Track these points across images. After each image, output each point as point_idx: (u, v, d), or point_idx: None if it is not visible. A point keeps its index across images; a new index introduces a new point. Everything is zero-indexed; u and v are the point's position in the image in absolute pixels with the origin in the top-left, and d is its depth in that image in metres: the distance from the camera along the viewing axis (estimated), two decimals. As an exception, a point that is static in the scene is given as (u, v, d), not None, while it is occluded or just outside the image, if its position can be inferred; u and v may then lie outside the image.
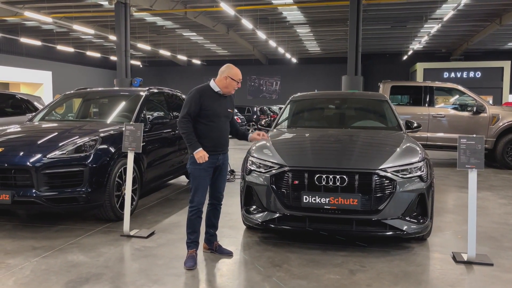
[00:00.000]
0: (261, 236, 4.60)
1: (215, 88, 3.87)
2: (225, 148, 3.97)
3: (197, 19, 21.89)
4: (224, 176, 4.02)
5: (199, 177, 3.80)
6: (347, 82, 13.39)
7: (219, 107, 3.85)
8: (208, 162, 3.76)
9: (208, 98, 3.81)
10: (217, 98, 3.86)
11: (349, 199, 3.89)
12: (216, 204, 4.05)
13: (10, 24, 25.26)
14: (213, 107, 3.81)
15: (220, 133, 3.88)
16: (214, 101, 3.83)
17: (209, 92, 3.84)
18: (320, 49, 33.64)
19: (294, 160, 4.20)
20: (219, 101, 3.87)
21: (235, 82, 3.87)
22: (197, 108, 3.75)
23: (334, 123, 5.77)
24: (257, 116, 21.87)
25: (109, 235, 4.62)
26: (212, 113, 3.79)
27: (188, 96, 3.84)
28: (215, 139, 3.83)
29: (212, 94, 3.85)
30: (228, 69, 3.87)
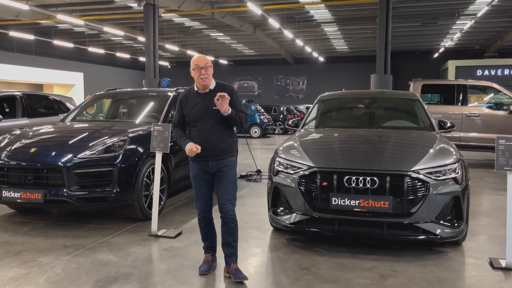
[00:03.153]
0: (288, 238, 4.54)
1: (195, 88, 3.54)
2: (216, 154, 3.44)
3: (224, 19, 21.98)
4: (224, 186, 3.45)
5: (194, 185, 3.58)
6: (376, 81, 13.13)
7: (199, 109, 3.44)
8: (197, 168, 3.49)
9: (189, 101, 3.50)
10: (197, 98, 3.48)
11: (380, 201, 3.78)
12: (224, 218, 3.47)
13: (44, 27, 26.05)
14: (193, 110, 3.47)
15: (204, 138, 3.42)
16: (194, 103, 3.47)
17: (191, 94, 3.53)
18: (347, 47, 33.22)
19: (322, 161, 4.12)
20: (200, 101, 3.46)
21: (196, 70, 3.39)
22: (180, 115, 3.56)
23: (364, 123, 5.64)
24: (284, 116, 21.77)
25: (137, 235, 4.65)
26: (192, 117, 3.47)
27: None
28: (201, 145, 3.41)
29: (193, 96, 3.51)
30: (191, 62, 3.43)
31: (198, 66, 3.37)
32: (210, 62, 3.44)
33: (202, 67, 3.37)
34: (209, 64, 3.41)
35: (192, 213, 5.62)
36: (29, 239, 4.52)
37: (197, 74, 3.39)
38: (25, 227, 4.93)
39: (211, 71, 3.47)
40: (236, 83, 40.39)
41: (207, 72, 3.39)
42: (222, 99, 3.28)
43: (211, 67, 3.44)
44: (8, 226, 4.98)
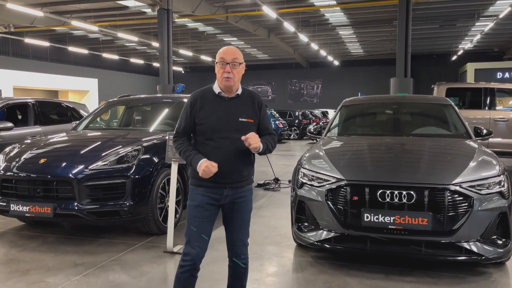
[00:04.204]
0: (314, 256, 4.19)
1: (216, 89, 2.67)
2: (235, 180, 2.65)
3: (238, 23, 21.77)
4: (239, 222, 2.74)
5: (192, 218, 2.64)
6: (396, 85, 12.72)
7: (220, 116, 2.60)
8: (205, 196, 2.62)
9: (206, 105, 2.63)
10: (218, 103, 2.64)
11: (418, 218, 3.42)
12: (235, 263, 2.78)
13: (59, 33, 26.19)
14: (212, 117, 2.60)
15: (222, 157, 2.58)
16: (213, 108, 2.62)
17: (208, 96, 2.66)
18: (363, 51, 32.77)
19: (352, 173, 3.78)
20: (223, 107, 2.63)
21: (220, 65, 2.60)
22: (189, 122, 2.64)
23: (393, 130, 5.27)
24: (299, 121, 21.41)
25: (152, 251, 4.36)
26: (209, 126, 2.60)
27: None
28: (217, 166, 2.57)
29: (212, 99, 2.65)
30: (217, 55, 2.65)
31: (224, 60, 2.57)
32: (241, 57, 2.65)
33: (228, 63, 2.57)
34: (238, 60, 2.61)
35: (209, 226, 5.31)
36: (38, 255, 4.26)
37: (221, 71, 2.59)
38: (35, 242, 4.68)
39: (240, 70, 2.65)
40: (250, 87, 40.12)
41: (233, 71, 2.58)
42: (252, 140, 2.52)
43: (240, 64, 2.63)
44: (18, 241, 4.74)
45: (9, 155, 4.89)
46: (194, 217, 2.66)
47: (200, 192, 2.65)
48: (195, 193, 2.67)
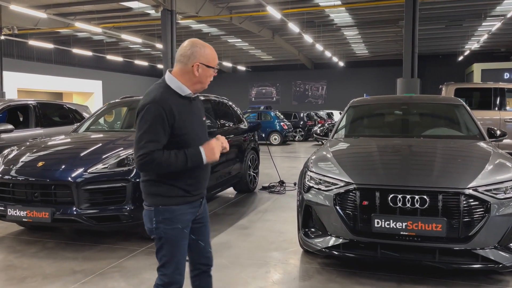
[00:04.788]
0: (322, 263, 4.03)
1: (182, 89, 2.28)
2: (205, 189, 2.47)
3: (243, 24, 21.65)
4: (208, 229, 2.54)
5: (177, 243, 2.30)
6: (403, 85, 12.50)
7: (194, 121, 2.33)
8: (191, 214, 2.34)
9: (181, 112, 2.23)
10: (187, 106, 2.30)
11: (432, 224, 3.25)
12: (206, 270, 2.58)
13: (63, 35, 26.17)
14: (189, 125, 2.28)
15: (207, 165, 2.37)
16: (186, 114, 2.27)
17: (174, 100, 2.23)
18: (368, 52, 32.55)
19: (362, 176, 3.61)
20: (192, 110, 2.33)
21: (213, 70, 2.32)
22: (166, 134, 2.19)
23: (402, 131, 5.09)
24: (304, 122, 21.21)
25: (153, 257, 4.17)
26: (189, 135, 2.27)
27: (144, 114, 2.17)
28: (199, 176, 2.34)
29: (180, 103, 2.26)
30: (198, 50, 2.25)
31: (215, 65, 2.33)
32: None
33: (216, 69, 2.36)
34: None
35: (213, 230, 5.16)
36: (36, 262, 4.12)
37: (209, 76, 2.32)
38: (34, 248, 4.54)
39: None
40: (254, 89, 40.06)
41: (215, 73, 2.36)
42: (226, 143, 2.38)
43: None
44: (16, 246, 4.60)
45: (7, 158, 4.76)
46: (182, 242, 2.32)
47: (186, 211, 2.31)
48: (179, 213, 2.28)
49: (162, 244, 2.28)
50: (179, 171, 2.23)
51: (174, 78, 2.28)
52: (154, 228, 2.27)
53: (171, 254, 2.29)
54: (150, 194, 2.28)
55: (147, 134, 2.13)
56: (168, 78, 2.29)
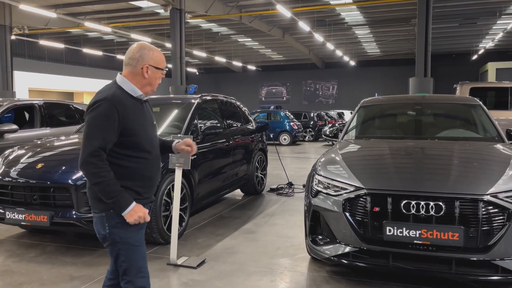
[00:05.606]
0: (330, 271, 3.83)
1: (134, 91, 2.26)
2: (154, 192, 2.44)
3: (252, 23, 21.48)
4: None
5: (134, 246, 2.22)
6: (416, 85, 12.23)
7: (146, 123, 2.30)
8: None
9: (135, 112, 2.22)
10: (139, 108, 2.28)
11: (448, 232, 3.04)
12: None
13: (74, 35, 26.27)
14: (142, 126, 2.25)
15: (158, 168, 2.39)
16: (139, 115, 2.25)
17: (127, 101, 2.21)
18: (380, 51, 32.18)
19: (373, 180, 3.41)
20: (144, 112, 2.31)
21: (160, 72, 2.33)
22: (115, 134, 2.14)
23: (416, 132, 4.86)
24: (314, 122, 20.97)
25: (155, 263, 4.05)
26: (144, 138, 2.25)
27: (94, 113, 2.13)
28: (152, 179, 2.33)
29: (133, 104, 2.24)
30: (147, 53, 2.26)
31: (164, 67, 2.35)
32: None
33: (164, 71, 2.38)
34: None
35: (218, 234, 5.00)
36: (34, 267, 3.99)
37: (158, 77, 2.33)
38: (33, 252, 4.41)
39: None
40: (265, 88, 39.88)
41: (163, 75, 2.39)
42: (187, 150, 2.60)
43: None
44: (15, 250, 4.48)
45: (7, 159, 4.65)
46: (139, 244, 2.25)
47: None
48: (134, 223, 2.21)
49: (119, 250, 2.21)
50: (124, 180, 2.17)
51: (126, 80, 2.26)
52: (108, 234, 2.19)
53: (130, 259, 2.22)
54: (99, 200, 2.18)
55: (97, 131, 2.10)
56: (120, 80, 2.27)
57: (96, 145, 2.08)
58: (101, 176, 2.09)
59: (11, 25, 18.04)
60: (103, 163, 2.11)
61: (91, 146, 2.08)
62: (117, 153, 2.18)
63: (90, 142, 2.09)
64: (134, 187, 2.21)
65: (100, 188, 2.11)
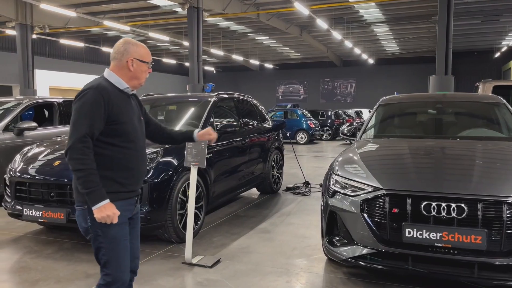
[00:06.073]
0: (347, 272, 3.75)
1: (120, 84, 2.30)
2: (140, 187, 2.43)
3: (270, 21, 21.40)
4: (139, 231, 2.49)
5: (116, 239, 2.22)
6: (436, 83, 11.97)
7: (134, 117, 2.34)
8: (128, 211, 2.30)
9: (120, 103, 2.26)
10: (125, 100, 2.31)
11: (470, 235, 2.93)
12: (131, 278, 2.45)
13: (93, 34, 26.60)
14: (129, 116, 2.28)
15: (143, 161, 2.40)
16: (125, 107, 2.29)
17: (114, 93, 2.25)
18: (399, 48, 31.70)
19: (392, 181, 3.31)
20: (131, 106, 2.35)
21: (146, 65, 2.36)
22: (102, 122, 2.17)
23: (437, 132, 4.73)
24: (332, 121, 20.79)
25: (169, 262, 4.04)
26: (131, 127, 2.27)
27: (81, 101, 2.17)
28: (137, 171, 2.32)
29: (119, 96, 2.27)
30: (131, 47, 2.30)
31: (149, 61, 2.37)
32: None
33: (150, 65, 2.40)
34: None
35: (233, 233, 4.96)
36: (51, 264, 4.02)
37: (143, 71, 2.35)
38: (50, 248, 4.45)
39: None
40: (282, 87, 39.75)
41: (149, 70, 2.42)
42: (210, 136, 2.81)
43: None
44: (33, 247, 4.53)
45: (25, 157, 4.71)
46: (121, 237, 2.25)
47: (121, 208, 2.23)
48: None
49: (100, 243, 2.21)
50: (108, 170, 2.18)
51: (113, 73, 2.31)
52: (90, 226, 2.21)
53: (111, 252, 2.22)
54: (82, 193, 2.17)
55: (84, 118, 2.13)
56: (107, 73, 2.32)
57: (83, 131, 2.10)
58: (84, 164, 2.09)
59: (32, 24, 18.35)
60: (89, 151, 2.12)
61: (78, 132, 2.10)
62: (102, 141, 2.20)
63: (77, 128, 2.12)
64: (118, 178, 2.22)
65: (80, 176, 2.10)
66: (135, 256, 2.44)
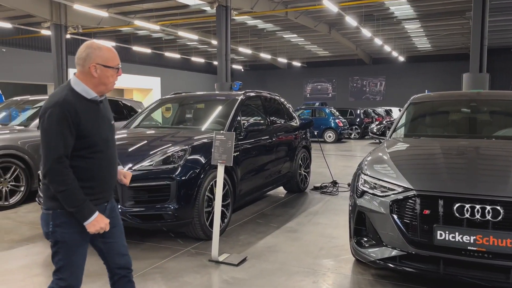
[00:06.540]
0: (376, 274, 3.68)
1: (87, 93, 2.22)
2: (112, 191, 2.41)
3: (298, 19, 21.26)
4: (121, 231, 2.47)
5: (74, 247, 2.22)
6: (470, 81, 11.60)
7: (103, 125, 2.27)
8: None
9: (87, 113, 2.19)
10: (94, 109, 2.23)
11: (506, 239, 2.82)
12: (125, 275, 2.46)
13: (124, 34, 27.13)
14: (97, 128, 2.22)
15: (113, 168, 2.36)
16: (94, 117, 2.22)
17: (80, 104, 2.17)
18: (431, 46, 30.92)
19: (423, 181, 3.22)
20: (100, 113, 2.27)
21: (112, 70, 2.25)
22: (73, 138, 2.14)
23: (470, 131, 4.58)
24: (361, 119, 20.50)
25: (196, 259, 4.06)
26: (98, 138, 2.23)
27: (47, 118, 2.11)
28: (104, 179, 2.29)
29: (87, 106, 2.20)
30: (94, 51, 2.20)
31: (116, 65, 2.26)
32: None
33: (118, 69, 2.28)
34: None
35: (259, 232, 4.95)
36: (82, 258, 4.11)
37: (115, 76, 2.27)
38: (81, 243, 4.55)
39: None
40: (310, 85, 39.48)
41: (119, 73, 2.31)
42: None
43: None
44: (65, 240, 4.64)
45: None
46: (80, 245, 2.24)
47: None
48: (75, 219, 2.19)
49: (58, 248, 2.21)
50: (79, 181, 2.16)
51: (79, 81, 2.22)
52: (51, 232, 2.21)
53: (67, 259, 2.22)
54: (49, 197, 2.20)
55: (56, 138, 2.09)
56: (73, 81, 2.23)
57: (58, 153, 2.09)
58: (66, 184, 2.10)
59: (66, 24, 18.87)
60: (68, 170, 2.12)
61: (54, 153, 2.09)
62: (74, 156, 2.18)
63: (51, 150, 2.09)
64: (85, 187, 2.18)
65: (64, 196, 2.11)
66: (123, 253, 2.44)
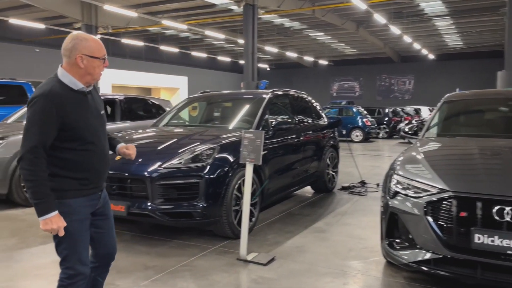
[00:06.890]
0: (408, 277, 3.59)
1: (74, 84, 2.22)
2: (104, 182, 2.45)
3: (325, 17, 21.08)
4: (111, 223, 2.53)
5: (76, 235, 2.25)
6: (505, 79, 11.21)
7: (92, 116, 2.28)
8: (87, 206, 2.30)
9: (74, 105, 2.19)
10: (82, 100, 2.24)
11: (549, 244, 2.68)
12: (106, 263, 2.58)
13: (152, 33, 27.55)
14: (84, 119, 2.23)
15: (104, 158, 2.36)
16: (81, 108, 2.22)
17: (67, 95, 2.18)
18: (462, 43, 30.11)
19: (460, 182, 3.11)
20: (87, 104, 2.27)
21: (99, 61, 2.25)
22: (54, 130, 2.13)
23: (508, 131, 4.40)
24: (389, 119, 20.14)
25: (225, 257, 4.06)
26: (88, 130, 2.24)
27: (32, 109, 2.13)
28: (98, 170, 2.32)
29: (74, 98, 2.21)
30: (79, 42, 2.20)
31: (102, 56, 2.27)
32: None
33: (104, 59, 2.30)
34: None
35: (287, 231, 4.91)
36: (112, 254, 4.16)
37: (101, 67, 2.28)
38: (111, 239, 4.62)
39: None
40: (336, 83, 39.09)
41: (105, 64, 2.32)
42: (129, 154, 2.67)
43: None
44: (95, 236, 4.72)
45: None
46: (82, 233, 2.28)
47: (83, 203, 2.28)
48: (77, 206, 2.25)
49: (61, 238, 2.22)
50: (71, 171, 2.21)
51: (65, 73, 2.22)
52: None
53: (71, 247, 2.25)
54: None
55: (35, 128, 2.10)
56: (60, 72, 2.23)
57: (34, 142, 2.09)
58: (34, 175, 2.09)
59: (97, 25, 19.30)
60: (40, 161, 2.10)
61: (29, 142, 2.10)
62: (59, 147, 2.18)
63: (28, 138, 2.11)
64: (79, 178, 2.23)
65: (30, 186, 2.11)
66: (111, 244, 2.53)
